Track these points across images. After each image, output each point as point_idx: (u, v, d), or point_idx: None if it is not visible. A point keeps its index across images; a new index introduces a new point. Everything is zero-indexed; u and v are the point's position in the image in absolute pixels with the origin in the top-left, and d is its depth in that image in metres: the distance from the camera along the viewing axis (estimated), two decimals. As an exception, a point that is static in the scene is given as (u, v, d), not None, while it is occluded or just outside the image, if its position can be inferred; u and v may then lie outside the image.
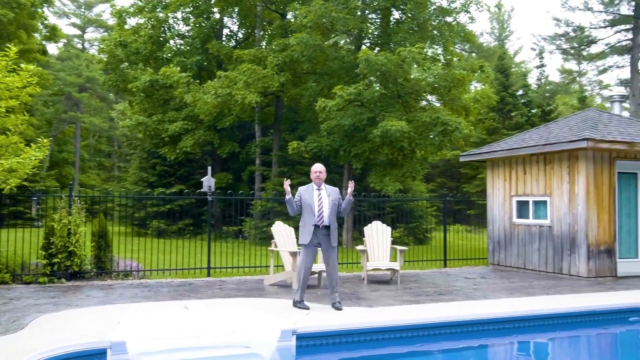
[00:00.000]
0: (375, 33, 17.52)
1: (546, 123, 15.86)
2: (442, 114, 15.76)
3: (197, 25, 22.85)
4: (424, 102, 18.15)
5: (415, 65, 16.02)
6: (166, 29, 24.67)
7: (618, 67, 31.11)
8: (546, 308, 7.62)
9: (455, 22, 17.20)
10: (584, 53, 31.54)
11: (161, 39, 24.43)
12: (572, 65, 41.09)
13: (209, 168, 12.10)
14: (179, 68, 20.32)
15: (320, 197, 7.48)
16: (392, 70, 15.55)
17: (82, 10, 49.07)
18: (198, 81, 19.83)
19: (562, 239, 11.72)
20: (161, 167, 24.20)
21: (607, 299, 8.49)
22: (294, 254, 9.66)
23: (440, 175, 38.54)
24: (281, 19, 21.44)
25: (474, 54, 36.12)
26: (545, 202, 12.22)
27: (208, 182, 11.73)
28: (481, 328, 6.97)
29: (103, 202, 14.78)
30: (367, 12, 18.15)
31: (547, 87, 34.66)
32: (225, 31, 26.35)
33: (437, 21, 17.43)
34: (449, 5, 17.28)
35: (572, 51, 31.68)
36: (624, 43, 29.49)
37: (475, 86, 17.15)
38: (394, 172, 16.78)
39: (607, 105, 42.71)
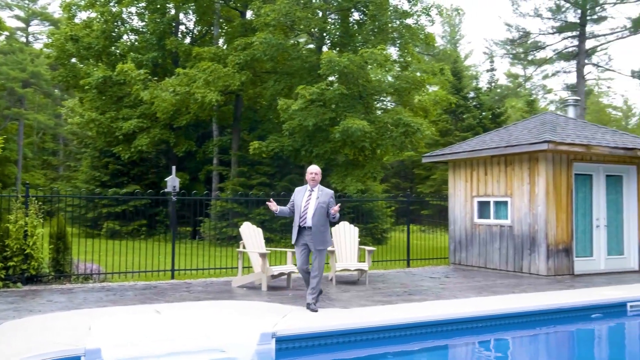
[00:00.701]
0: (337, 34, 17.55)
1: (505, 126, 16.30)
2: (404, 115, 15.94)
3: (153, 21, 22.28)
4: (384, 103, 18.28)
5: (373, 67, 16.15)
6: (119, 23, 23.95)
7: (565, 72, 32.34)
8: (517, 306, 7.80)
9: (416, 24, 17.41)
10: (533, 58, 32.62)
11: (114, 34, 23.70)
12: (520, 69, 42.40)
13: (173, 168, 11.72)
14: (133, 64, 19.73)
15: (308, 199, 7.45)
16: (354, 71, 15.62)
17: (27, 2, 47.06)
18: (156, 78, 19.33)
19: (523, 239, 12.05)
20: (114, 166, 23.48)
21: (571, 297, 8.76)
22: (263, 256, 9.54)
23: (394, 176, 39.07)
24: (241, 17, 21.17)
25: (426, 57, 36.80)
26: (506, 203, 12.53)
27: (172, 182, 11.40)
28: (459, 327, 7.08)
29: (51, 202, 14.17)
30: (328, 12, 18.15)
31: (497, 91, 35.68)
32: (181, 28, 25.83)
33: (398, 23, 17.61)
34: (410, 8, 17.49)
35: (522, 56, 32.71)
36: (570, 49, 30.67)
37: (427, 89, 17.38)
38: (355, 172, 16.85)
39: (551, 108, 44.35)
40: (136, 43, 23.06)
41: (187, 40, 25.68)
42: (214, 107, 18.73)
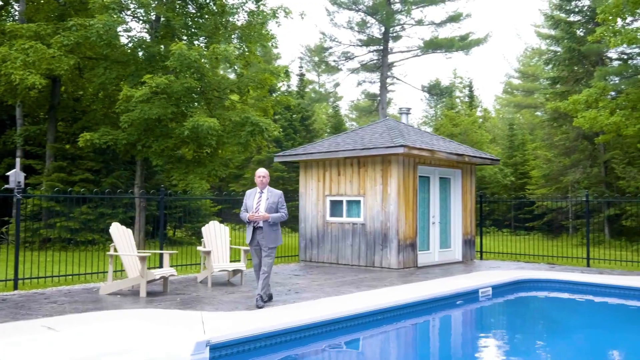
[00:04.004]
0: (177, 25, 16.70)
1: (353, 129, 17.32)
2: (252, 115, 15.89)
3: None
4: (224, 101, 17.92)
5: (222, 63, 15.86)
6: None
7: (370, 82, 35.31)
8: (409, 297, 8.44)
9: (260, 24, 17.39)
10: (342, 67, 34.97)
11: None
12: (328, 76, 45.02)
13: (17, 160, 9.89)
14: None
15: (259, 200, 7.81)
16: (202, 66, 15.13)
17: None
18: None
19: (375, 235, 12.94)
20: None
21: (440, 286, 9.71)
22: (143, 259, 8.76)
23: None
24: (61, -7, 18.82)
25: (260, 56, 37.19)
26: (358, 202, 13.31)
27: (16, 176, 9.59)
28: (380, 317, 7.52)
29: None
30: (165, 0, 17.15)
31: (307, 96, 37.44)
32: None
33: (244, 22, 17.47)
34: (257, 7, 17.43)
35: (332, 64, 34.84)
36: (374, 62, 33.58)
37: (268, 88, 17.61)
38: (198, 170, 16.26)
39: (342, 115, 47.89)
40: None
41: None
42: (30, 92, 16.38)
